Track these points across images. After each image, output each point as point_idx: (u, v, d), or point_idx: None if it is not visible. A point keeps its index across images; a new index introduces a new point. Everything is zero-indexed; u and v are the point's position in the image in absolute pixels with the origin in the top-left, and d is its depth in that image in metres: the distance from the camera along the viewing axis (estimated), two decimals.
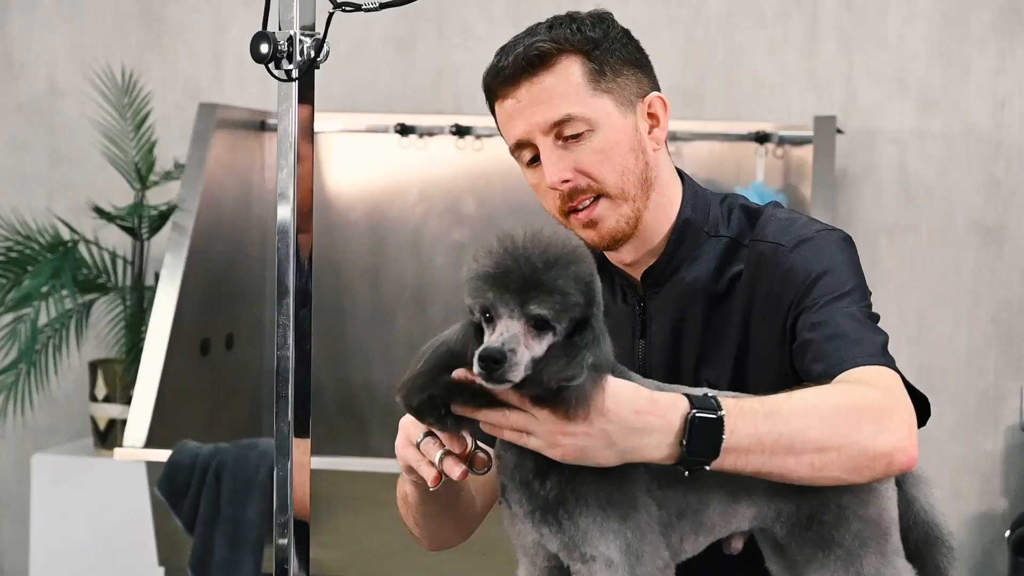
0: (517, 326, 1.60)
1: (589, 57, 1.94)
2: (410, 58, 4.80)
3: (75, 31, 4.95)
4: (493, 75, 1.97)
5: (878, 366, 1.80)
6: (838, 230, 1.99)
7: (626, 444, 1.63)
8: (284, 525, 1.80)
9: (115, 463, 4.08)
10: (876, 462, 1.70)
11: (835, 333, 1.84)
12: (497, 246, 1.63)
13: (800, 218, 2.00)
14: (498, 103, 1.98)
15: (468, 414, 1.66)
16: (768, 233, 1.98)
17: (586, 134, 1.93)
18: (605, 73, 1.95)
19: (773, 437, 1.67)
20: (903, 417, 1.74)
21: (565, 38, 1.94)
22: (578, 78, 1.93)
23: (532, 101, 1.93)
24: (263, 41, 1.75)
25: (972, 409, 4.58)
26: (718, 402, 1.66)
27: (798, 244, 1.94)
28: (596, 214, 1.95)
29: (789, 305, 1.92)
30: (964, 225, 4.58)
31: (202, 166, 4.24)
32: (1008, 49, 4.54)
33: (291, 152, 1.77)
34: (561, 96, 1.92)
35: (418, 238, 4.71)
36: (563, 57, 1.93)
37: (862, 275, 1.95)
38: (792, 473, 1.69)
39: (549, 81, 1.93)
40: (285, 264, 1.78)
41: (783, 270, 1.93)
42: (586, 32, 1.95)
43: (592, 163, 1.93)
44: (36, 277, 4.38)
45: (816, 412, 1.70)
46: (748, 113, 4.60)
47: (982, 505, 4.57)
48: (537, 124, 1.93)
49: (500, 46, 2.00)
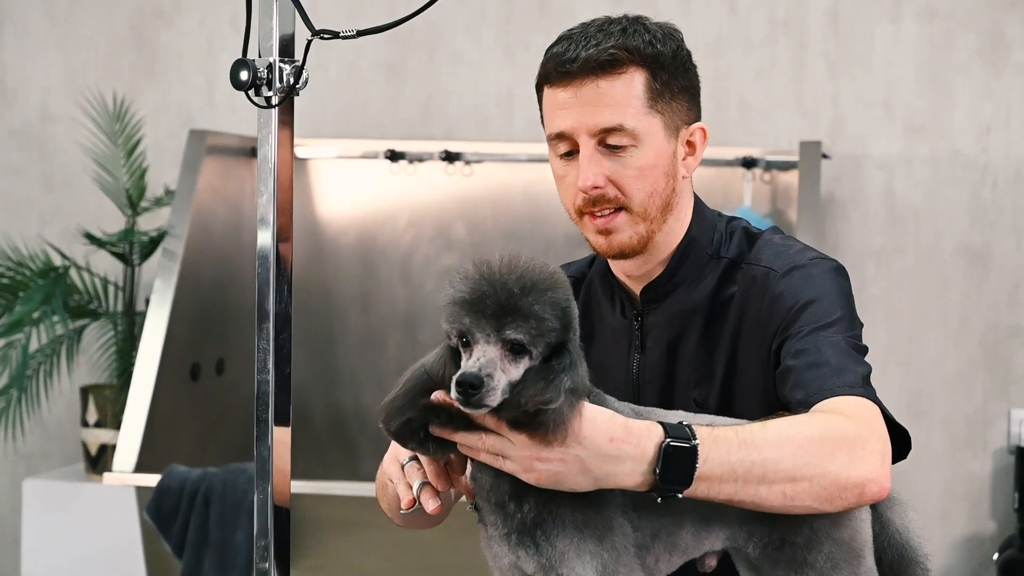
0: (494, 351, 1.61)
1: (654, 74, 1.95)
2: (400, 84, 4.83)
3: (67, 58, 4.97)
4: (556, 63, 1.95)
5: (857, 397, 1.81)
6: (832, 260, 2.00)
7: (600, 471, 1.65)
8: (265, 548, 1.81)
9: (105, 488, 4.09)
10: (848, 492, 1.72)
11: (817, 361, 1.85)
12: (473, 271, 1.65)
13: (796, 245, 2.02)
14: (550, 88, 1.97)
15: (445, 436, 1.67)
16: (762, 257, 2.00)
17: (629, 148, 1.94)
18: (664, 94, 1.96)
19: (746, 466, 1.68)
20: (876, 447, 1.75)
21: (637, 49, 1.94)
22: (639, 92, 1.94)
23: (589, 101, 1.93)
24: (243, 68, 1.77)
25: (960, 432, 4.59)
26: (692, 431, 1.68)
27: (789, 271, 1.96)
28: (613, 224, 1.97)
29: (775, 331, 1.93)
30: (951, 249, 4.60)
31: (192, 192, 4.26)
32: (994, 74, 4.57)
33: (271, 177, 1.78)
34: (618, 105, 1.93)
35: (408, 263, 4.72)
36: (631, 68, 1.94)
37: (852, 305, 1.96)
38: (764, 502, 1.70)
39: (611, 87, 1.94)
40: (265, 288, 1.79)
41: (772, 295, 1.95)
42: (657, 47, 1.96)
43: (627, 178, 1.95)
44: (27, 303, 4.38)
45: (789, 442, 1.71)
46: (736, 138, 4.63)
47: (970, 527, 4.58)
48: (586, 125, 1.93)
49: (567, 31, 1.99)
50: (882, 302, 4.61)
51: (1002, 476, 4.56)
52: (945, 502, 4.55)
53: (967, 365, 4.59)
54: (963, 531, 4.58)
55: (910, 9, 4.59)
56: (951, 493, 4.57)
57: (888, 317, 4.61)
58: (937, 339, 4.61)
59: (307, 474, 4.28)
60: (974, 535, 4.58)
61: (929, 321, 4.61)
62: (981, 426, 4.58)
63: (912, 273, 4.61)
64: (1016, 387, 4.57)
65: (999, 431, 4.57)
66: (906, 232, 4.61)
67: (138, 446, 3.90)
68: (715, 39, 4.68)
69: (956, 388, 4.60)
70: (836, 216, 4.61)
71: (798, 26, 4.64)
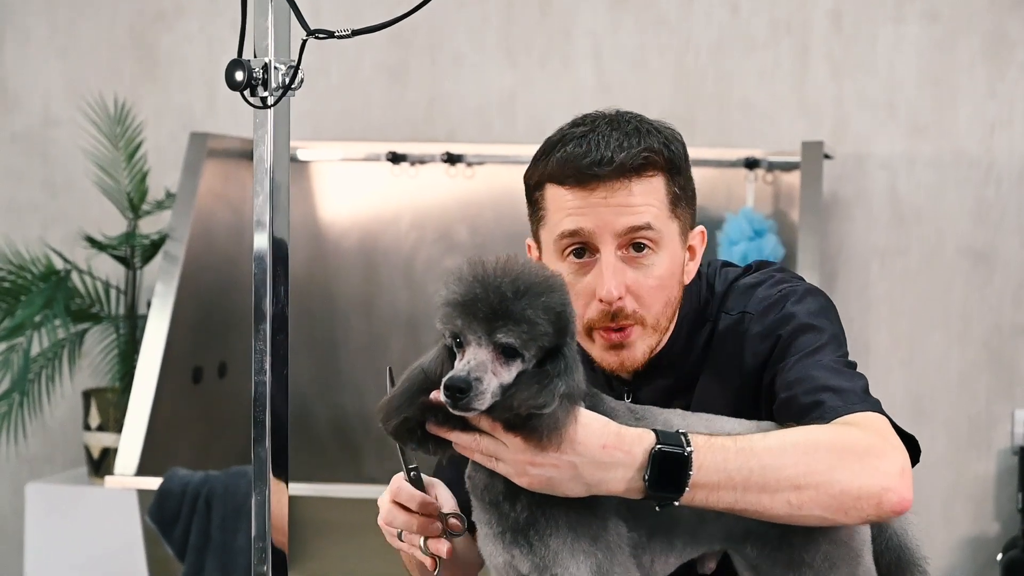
0: (485, 353, 1.61)
1: (673, 179, 1.89)
2: (402, 87, 4.82)
3: (69, 62, 4.97)
4: (576, 165, 1.86)
5: (863, 412, 1.78)
6: (803, 282, 1.97)
7: (592, 477, 1.64)
8: (263, 550, 1.81)
9: (107, 491, 4.08)
10: (862, 503, 1.68)
11: (814, 387, 1.81)
12: (468, 272, 1.64)
13: (766, 280, 1.97)
14: (561, 188, 1.88)
15: (442, 434, 1.66)
16: (733, 305, 1.95)
17: (649, 253, 1.87)
18: (680, 200, 1.90)
19: (744, 473, 1.65)
20: (894, 458, 1.71)
21: (661, 152, 1.87)
22: (663, 196, 1.88)
23: (619, 203, 1.85)
24: (238, 68, 1.76)
25: (963, 433, 4.58)
26: (687, 438, 1.65)
27: (765, 310, 1.92)
28: (630, 340, 1.89)
29: (759, 367, 1.89)
30: (954, 249, 4.59)
31: (193, 195, 4.26)
32: (997, 74, 4.56)
33: (266, 179, 1.78)
34: (646, 206, 1.86)
35: (410, 266, 4.72)
36: (656, 172, 1.87)
37: (835, 323, 1.92)
38: (768, 511, 1.67)
39: (642, 190, 1.86)
40: (262, 290, 1.79)
41: (752, 335, 1.91)
42: (672, 149, 1.89)
43: (648, 289, 1.87)
44: (29, 307, 4.38)
45: (792, 449, 1.68)
46: (738, 139, 4.62)
47: (974, 529, 4.57)
48: (612, 226, 1.85)
49: (569, 129, 1.91)
50: (885, 302, 4.60)
51: (1006, 477, 4.55)
52: (949, 503, 4.53)
53: (971, 366, 4.58)
54: (967, 532, 4.56)
55: (913, 10, 4.58)
56: (955, 494, 4.56)
57: (891, 317, 4.60)
58: (941, 339, 4.60)
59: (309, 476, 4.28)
60: (978, 536, 4.56)
61: (932, 321, 4.60)
62: (985, 427, 4.57)
63: (915, 273, 4.60)
64: (1020, 388, 4.56)
65: (1003, 432, 4.55)
66: (909, 232, 4.60)
67: (140, 449, 3.90)
68: (717, 40, 4.67)
69: (960, 389, 4.59)
70: (839, 216, 4.60)
71: (800, 27, 4.64)
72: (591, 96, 4.67)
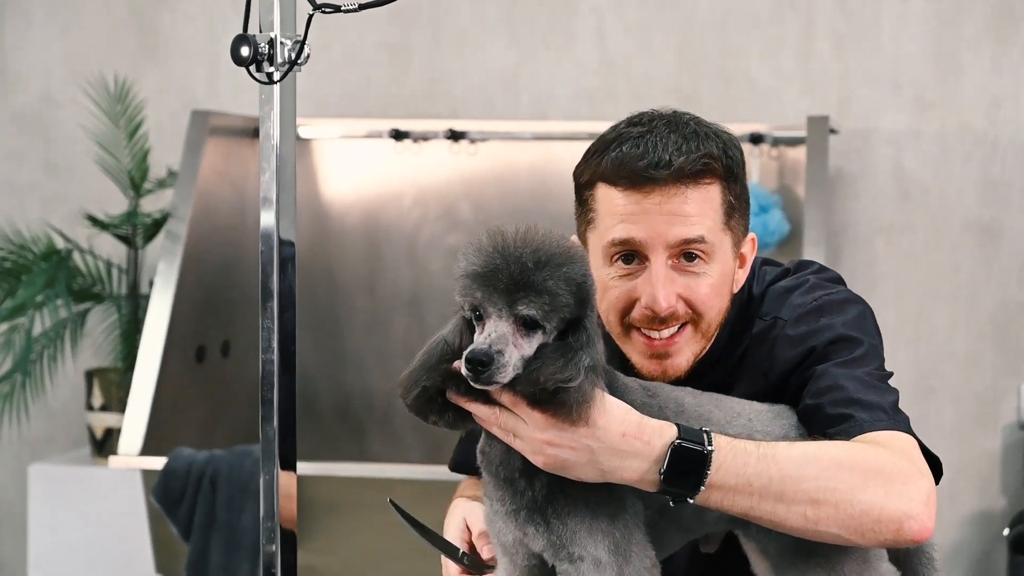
0: (506, 326, 1.58)
1: (729, 187, 1.83)
2: (405, 64, 4.80)
3: (69, 41, 4.94)
4: (632, 167, 1.80)
5: (892, 431, 1.73)
6: (843, 290, 1.91)
7: (608, 464, 1.62)
8: (272, 530, 1.79)
9: (111, 471, 4.07)
10: (882, 526, 1.64)
11: (844, 399, 1.76)
12: (487, 243, 1.61)
13: (801, 285, 1.91)
14: (614, 189, 1.81)
15: (462, 404, 1.64)
16: (767, 310, 1.90)
17: (699, 263, 1.81)
18: (735, 210, 1.84)
19: (763, 480, 1.62)
20: (920, 484, 1.67)
21: (719, 159, 1.81)
22: (718, 206, 1.82)
23: (673, 211, 1.79)
24: (243, 44, 1.74)
25: (970, 408, 4.57)
26: (710, 437, 1.63)
27: (798, 317, 1.87)
28: (676, 346, 1.83)
29: (786, 374, 1.84)
30: (961, 225, 4.57)
31: (195, 174, 4.24)
32: (1002, 49, 4.53)
33: (273, 155, 1.76)
34: (701, 216, 1.80)
35: (413, 243, 4.70)
36: (713, 179, 1.81)
37: (872, 332, 1.86)
38: (784, 522, 1.65)
39: (698, 198, 1.80)
40: (268, 267, 1.77)
41: (783, 341, 1.86)
42: (730, 155, 1.82)
43: (703, 297, 1.82)
44: (30, 287, 4.36)
45: (815, 462, 1.64)
46: (743, 114, 4.59)
47: (981, 504, 4.56)
48: (665, 237, 1.79)
49: (624, 127, 1.84)
50: (891, 279, 4.58)
51: (1012, 452, 4.54)
52: (955, 479, 4.52)
53: (977, 341, 4.57)
54: (973, 507, 4.56)
55: None
56: (961, 470, 4.55)
57: (897, 294, 4.58)
58: (947, 315, 4.58)
59: (313, 456, 4.27)
60: (984, 511, 4.56)
61: (939, 297, 4.58)
62: (991, 403, 4.56)
63: (921, 249, 4.58)
64: None
65: (1009, 407, 4.54)
66: (915, 208, 4.58)
67: (144, 429, 3.88)
68: (722, 15, 4.64)
69: (966, 365, 4.57)
70: (845, 192, 4.57)
71: (805, 2, 4.61)
72: (594, 73, 4.64)
